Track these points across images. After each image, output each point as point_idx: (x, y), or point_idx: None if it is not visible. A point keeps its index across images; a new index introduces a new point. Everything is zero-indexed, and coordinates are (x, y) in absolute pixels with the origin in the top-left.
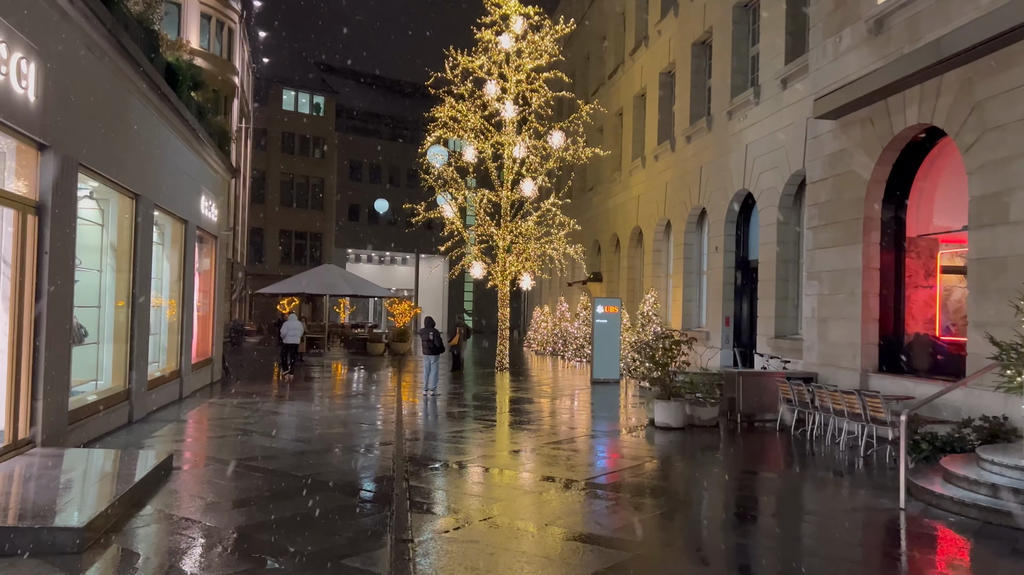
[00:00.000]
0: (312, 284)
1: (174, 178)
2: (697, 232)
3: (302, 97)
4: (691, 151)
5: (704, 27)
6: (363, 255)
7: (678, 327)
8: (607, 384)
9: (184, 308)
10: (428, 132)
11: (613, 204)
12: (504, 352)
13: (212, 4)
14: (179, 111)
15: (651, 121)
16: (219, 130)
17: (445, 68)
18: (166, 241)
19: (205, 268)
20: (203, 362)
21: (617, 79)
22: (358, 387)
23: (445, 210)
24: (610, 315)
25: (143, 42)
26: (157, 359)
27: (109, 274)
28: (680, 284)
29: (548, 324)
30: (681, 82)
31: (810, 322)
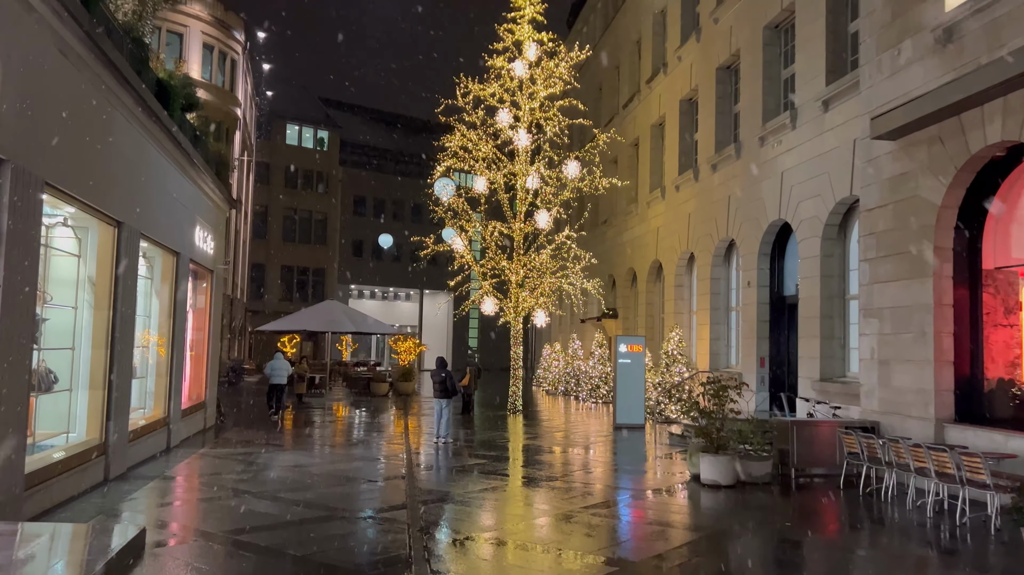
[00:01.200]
0: (314, 321)
1: (165, 206)
2: (724, 266)
3: (306, 131)
4: (717, 180)
5: (730, 51)
6: (366, 291)
7: (704, 368)
8: (631, 430)
9: (174, 348)
10: (437, 162)
11: (629, 237)
12: (517, 393)
13: (215, 35)
14: (170, 132)
15: (671, 150)
16: (217, 157)
17: (455, 96)
18: (155, 275)
19: (199, 304)
20: (195, 406)
21: (632, 109)
22: (362, 433)
23: (455, 243)
24: (633, 355)
25: (130, 53)
26: (142, 405)
27: (86, 311)
28: (707, 321)
29: (560, 363)
30: (704, 108)
31: (868, 365)
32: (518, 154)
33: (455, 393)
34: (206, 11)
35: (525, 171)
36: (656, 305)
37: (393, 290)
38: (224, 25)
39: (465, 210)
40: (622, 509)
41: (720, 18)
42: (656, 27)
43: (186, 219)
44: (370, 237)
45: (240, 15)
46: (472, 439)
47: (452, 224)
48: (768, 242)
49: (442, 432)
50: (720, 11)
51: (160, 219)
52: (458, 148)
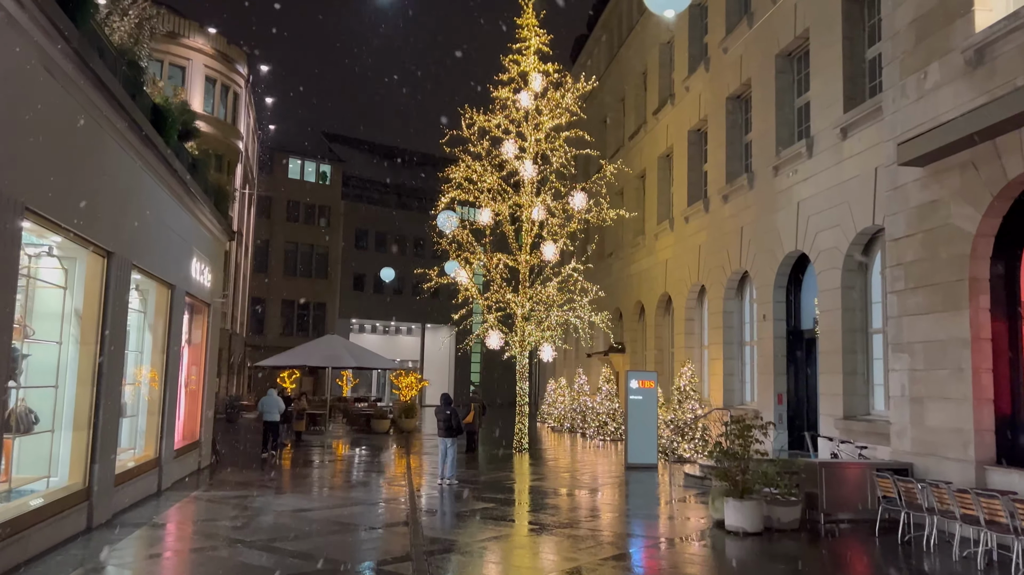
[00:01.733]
0: (314, 356)
1: (159, 236)
2: (737, 299)
3: (308, 165)
4: (729, 211)
5: (740, 80)
6: (367, 325)
7: (718, 404)
8: (644, 470)
9: (167, 385)
10: (442, 193)
11: (636, 270)
12: (523, 431)
13: (218, 68)
14: (166, 159)
15: (679, 181)
16: (216, 187)
17: (460, 127)
18: (149, 308)
19: (196, 339)
20: (189, 446)
21: (639, 140)
22: (363, 473)
23: (459, 275)
24: (645, 391)
25: (125, 76)
26: (133, 445)
27: (72, 347)
28: (719, 356)
29: (566, 398)
30: (714, 139)
31: (899, 402)
32: (524, 185)
33: (460, 431)
34: (209, 44)
35: (531, 202)
36: (665, 339)
37: (395, 324)
38: (227, 58)
39: (470, 242)
40: (640, 561)
41: (730, 48)
42: (663, 58)
43: (182, 251)
44: (372, 271)
45: (243, 48)
46: (478, 480)
47: (456, 256)
48: (784, 274)
49: (447, 473)
50: (729, 41)
51: (154, 250)
52: (463, 179)
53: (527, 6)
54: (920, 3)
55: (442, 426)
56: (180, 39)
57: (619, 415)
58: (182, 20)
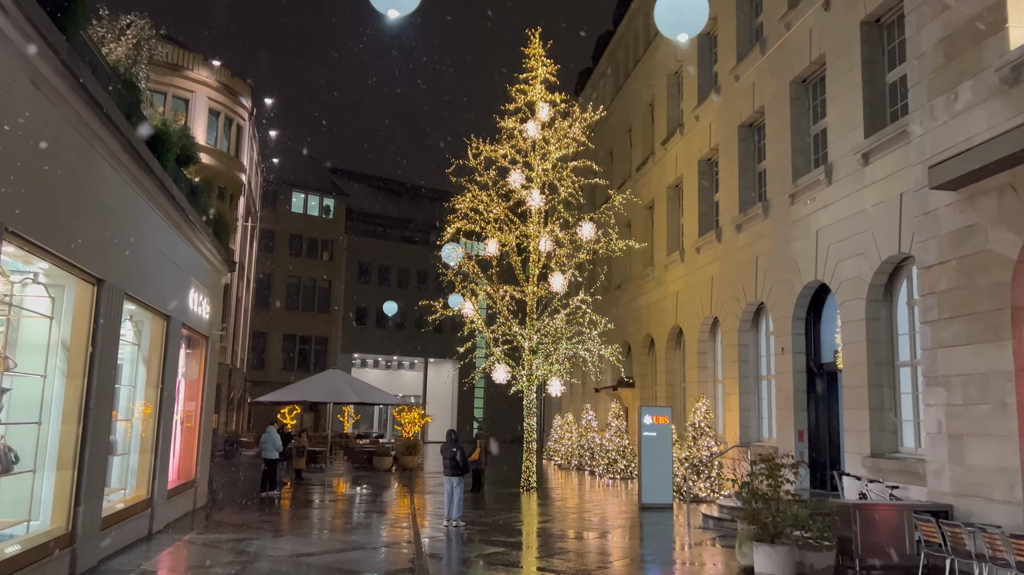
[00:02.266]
0: (315, 391)
1: (155, 265)
2: (753, 331)
3: (312, 199)
4: (743, 241)
5: (753, 107)
6: (369, 360)
7: (734, 441)
8: (659, 510)
9: (161, 421)
10: (448, 223)
11: (646, 302)
12: (531, 469)
13: (221, 100)
14: (163, 184)
15: (690, 211)
16: (216, 217)
17: (466, 157)
18: (143, 340)
19: (193, 373)
20: (184, 485)
21: (647, 171)
22: (365, 514)
23: (465, 307)
24: (659, 427)
25: (119, 95)
26: (123, 485)
27: (57, 380)
28: (735, 391)
29: (573, 435)
30: (726, 168)
31: (935, 439)
32: (531, 215)
33: (468, 470)
34: (213, 77)
35: (538, 232)
36: (676, 373)
37: (397, 358)
38: (231, 91)
39: (476, 273)
40: None
41: (741, 75)
42: (671, 88)
43: (179, 281)
44: (374, 305)
45: (247, 81)
46: (485, 521)
47: (462, 288)
48: (803, 305)
49: (454, 514)
50: (741, 68)
51: (149, 279)
52: (468, 210)
53: (534, 36)
54: (948, 22)
55: (448, 465)
56: (184, 71)
57: (629, 452)
58: (186, 52)
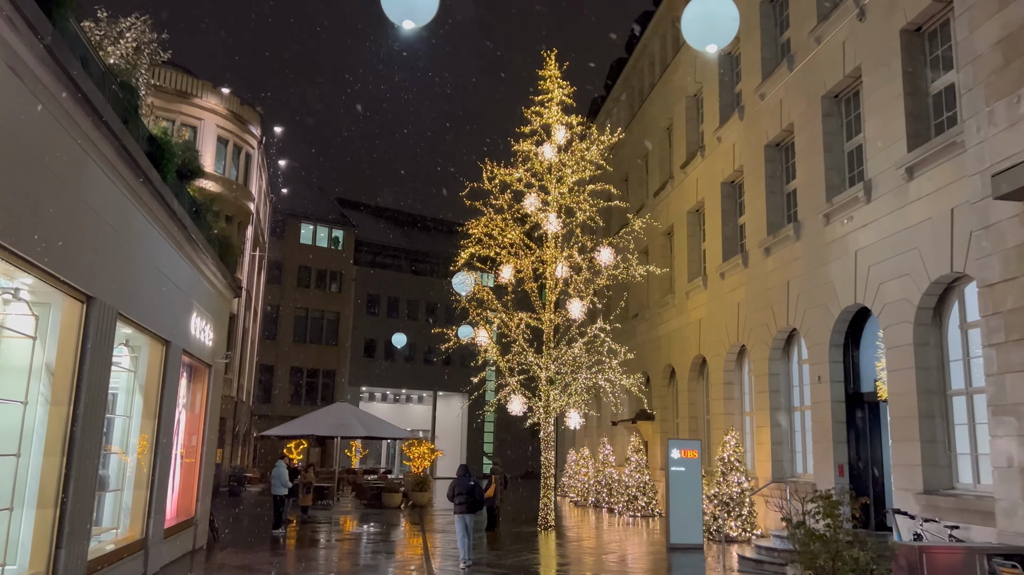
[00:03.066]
0: (323, 425)
1: (153, 285)
2: (784, 360)
3: (320, 231)
4: (772, 265)
5: (781, 126)
6: (377, 393)
7: (764, 477)
8: (689, 551)
9: (158, 455)
10: (461, 249)
11: (665, 331)
12: (549, 506)
13: (230, 128)
14: (163, 198)
15: (713, 236)
16: (221, 239)
17: (480, 180)
18: (140, 367)
19: (194, 404)
20: (183, 523)
21: (665, 196)
22: (374, 555)
23: (478, 336)
24: (688, 461)
25: (115, 97)
26: (115, 524)
27: (40, 407)
28: (766, 423)
29: (589, 470)
30: (752, 189)
31: (1005, 475)
32: (547, 240)
33: (482, 506)
34: (221, 104)
35: (556, 257)
36: (699, 405)
37: (405, 392)
38: (239, 119)
39: (491, 300)
40: None
41: (767, 93)
42: (690, 111)
43: (180, 304)
44: (383, 337)
45: (256, 109)
46: (502, 563)
47: (477, 315)
48: (840, 331)
49: (467, 555)
50: (767, 87)
51: (146, 300)
52: (482, 235)
53: (550, 57)
54: (1005, 21)
55: (464, 501)
56: (192, 99)
57: (650, 488)
58: (193, 80)
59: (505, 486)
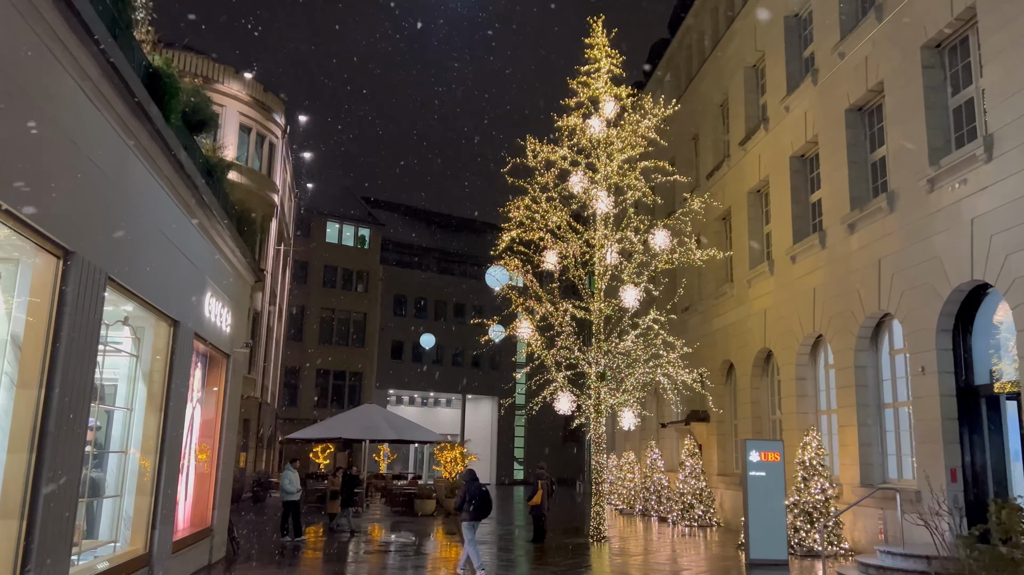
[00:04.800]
0: (350, 427)
1: (156, 251)
2: (872, 350)
3: (347, 230)
4: (857, 243)
5: (867, 85)
6: (405, 396)
7: (851, 482)
8: (773, 568)
9: (165, 455)
10: (500, 234)
11: (722, 324)
12: (600, 515)
13: (253, 116)
14: (165, 142)
15: (780, 216)
16: (241, 213)
17: (524, 156)
18: (143, 350)
19: (210, 399)
20: (197, 534)
21: (719, 178)
22: (410, 570)
23: (520, 328)
24: (769, 465)
25: (100, 2)
26: (113, 537)
27: (3, 391)
28: (851, 422)
29: (636, 476)
30: (831, 160)
31: None
32: (596, 222)
33: (488, 512)
34: (244, 91)
35: (607, 239)
36: (763, 404)
37: (433, 395)
38: (263, 106)
39: (534, 287)
40: None
41: (848, 51)
42: (748, 83)
43: (191, 279)
44: (410, 338)
45: (281, 96)
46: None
47: (521, 305)
48: (950, 314)
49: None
50: (848, 44)
51: (147, 268)
52: (524, 218)
53: (596, 25)
54: None
55: (478, 505)
56: (213, 84)
57: (707, 496)
58: (215, 64)
59: (551, 493)
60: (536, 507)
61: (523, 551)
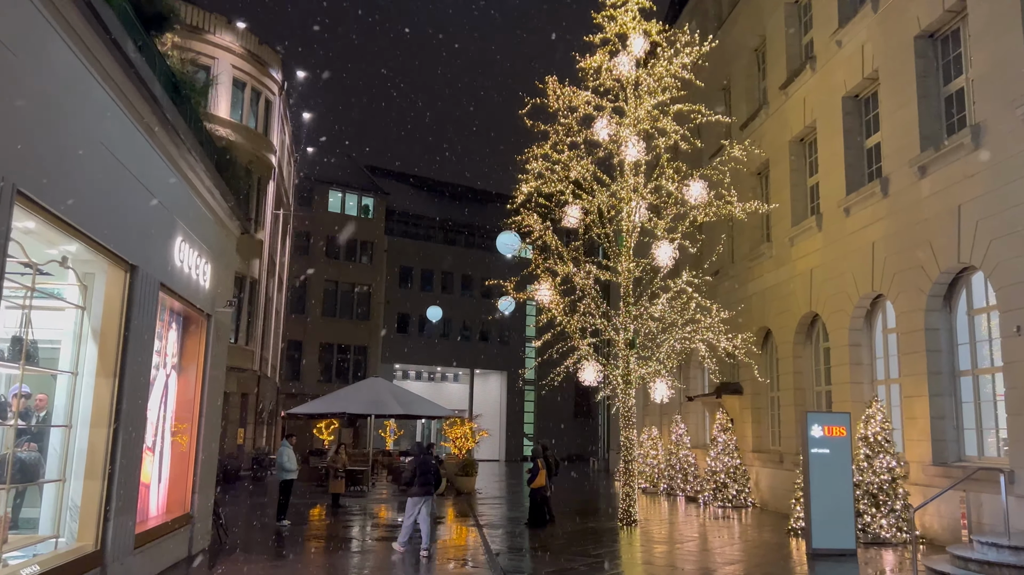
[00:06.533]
0: (355, 402)
1: (100, 174)
2: (945, 311)
3: (350, 199)
4: (930, 188)
5: (944, 5)
6: (411, 371)
7: (920, 460)
8: (841, 559)
9: (120, 429)
10: (517, 186)
11: (758, 288)
12: (631, 497)
13: (248, 70)
14: (100, 17)
15: (831, 165)
16: (220, 150)
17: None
18: (93, 302)
19: (186, 364)
20: (171, 524)
21: (756, 128)
22: (426, 562)
23: (539, 292)
24: (834, 441)
25: None
26: (56, 531)
27: None
28: (920, 392)
29: (659, 453)
30: (895, 96)
31: None
32: (625, 172)
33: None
34: (238, 42)
35: (636, 190)
36: (807, 374)
37: (440, 370)
38: (258, 60)
39: (557, 246)
40: None
41: None
42: (790, 20)
43: (155, 217)
44: (416, 311)
45: (277, 50)
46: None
47: (541, 266)
48: None
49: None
50: None
51: (87, 192)
52: (544, 168)
53: None
54: None
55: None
56: (204, 34)
57: (741, 474)
58: (205, 13)
59: (556, 472)
60: (539, 489)
61: (533, 538)
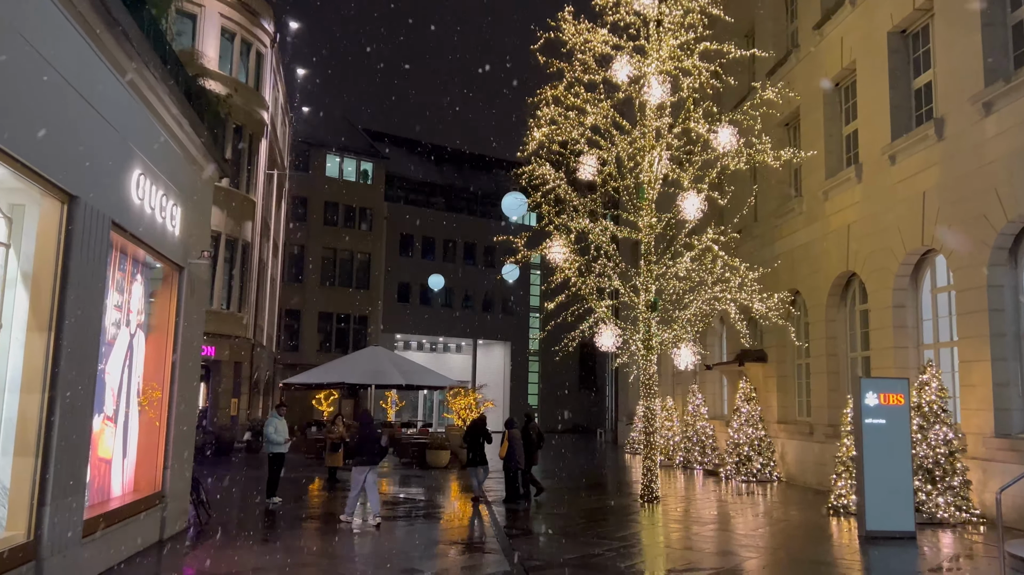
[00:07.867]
0: (355, 371)
1: (30, 86)
2: (1010, 266)
3: (348, 163)
4: (994, 128)
5: None
6: (412, 341)
7: (980, 432)
8: (896, 542)
9: (59, 395)
10: (528, 132)
11: (787, 247)
12: (653, 471)
13: (237, 19)
14: None
15: (874, 109)
16: (192, 79)
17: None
18: (23, 241)
19: (155, 323)
20: (139, 505)
21: (785, 74)
22: (429, 541)
23: (552, 249)
24: (891, 410)
25: None
26: None
27: None
28: (982, 356)
29: (675, 424)
30: (951, 28)
31: None
32: (646, 116)
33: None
34: None
35: (663, 137)
36: (841, 339)
37: (443, 340)
38: (249, 9)
39: (571, 198)
40: None
41: None
42: None
43: (103, 142)
44: (417, 280)
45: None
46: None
47: (556, 220)
48: None
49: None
50: None
51: (10, 104)
52: (557, 114)
53: None
54: None
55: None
56: None
57: (766, 447)
58: None
59: (539, 442)
60: (509, 462)
61: (534, 517)
